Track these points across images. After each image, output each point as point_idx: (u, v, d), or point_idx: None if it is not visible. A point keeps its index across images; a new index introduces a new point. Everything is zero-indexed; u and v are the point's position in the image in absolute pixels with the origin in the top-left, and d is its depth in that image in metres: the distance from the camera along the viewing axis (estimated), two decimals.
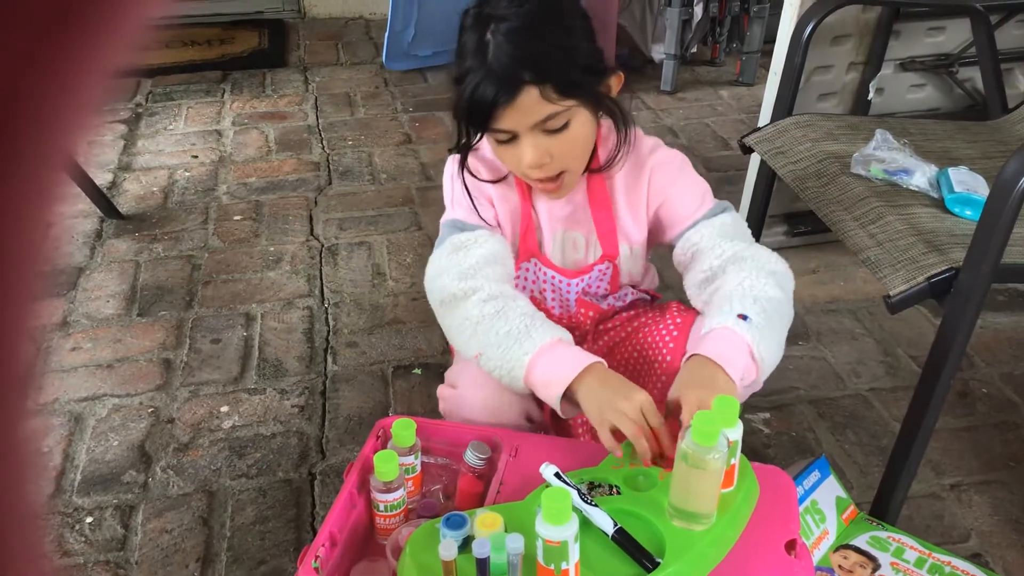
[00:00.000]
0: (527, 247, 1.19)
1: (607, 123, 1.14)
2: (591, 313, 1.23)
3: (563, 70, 1.01)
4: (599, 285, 1.22)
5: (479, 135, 1.08)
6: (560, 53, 1.01)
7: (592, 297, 1.23)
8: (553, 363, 1.01)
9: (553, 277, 1.21)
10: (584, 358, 1.01)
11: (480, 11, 1.03)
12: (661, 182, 1.17)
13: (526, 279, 1.22)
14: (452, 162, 1.19)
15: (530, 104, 1.00)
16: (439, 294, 1.11)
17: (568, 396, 1.01)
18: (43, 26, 0.18)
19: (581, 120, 1.05)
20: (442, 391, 1.21)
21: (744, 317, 1.01)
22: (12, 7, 0.17)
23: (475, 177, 1.16)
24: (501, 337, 1.03)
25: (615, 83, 1.10)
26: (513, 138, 1.04)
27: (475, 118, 1.04)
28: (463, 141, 1.12)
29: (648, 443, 0.95)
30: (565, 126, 1.04)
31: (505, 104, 1.00)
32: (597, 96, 1.07)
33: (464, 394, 1.15)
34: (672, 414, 0.98)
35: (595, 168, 1.15)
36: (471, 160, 1.17)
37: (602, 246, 1.19)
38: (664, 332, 1.17)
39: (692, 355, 1.01)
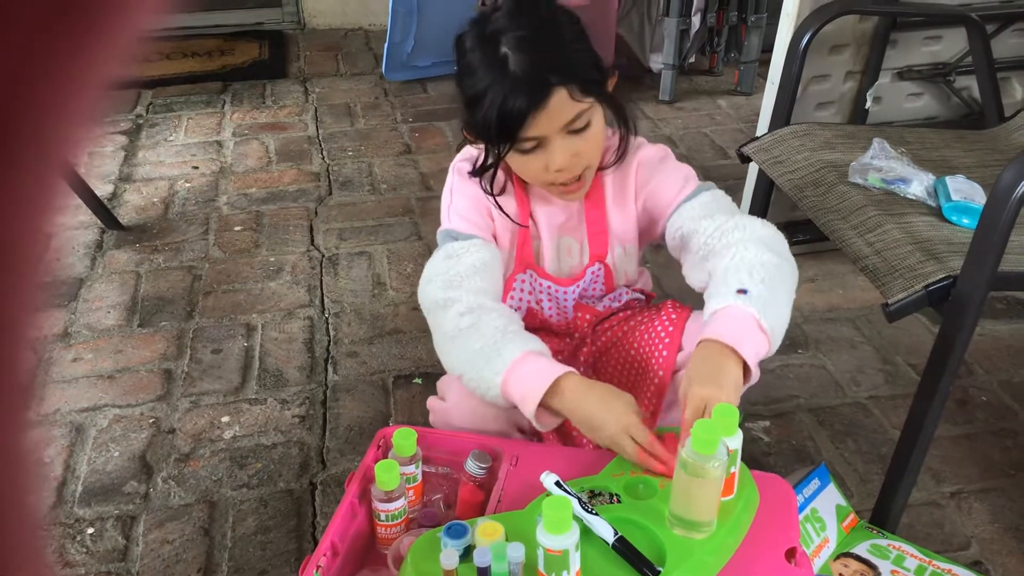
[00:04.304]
0: (523, 258, 1.20)
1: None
2: (588, 316, 1.24)
3: (582, 69, 1.04)
4: (594, 287, 1.23)
5: (507, 148, 1.07)
6: (573, 53, 1.05)
7: (588, 300, 1.24)
8: (524, 378, 1.01)
9: (549, 287, 1.22)
10: (552, 371, 1.01)
11: (482, 31, 1.04)
12: (645, 176, 1.18)
13: (523, 290, 1.22)
14: (453, 173, 1.20)
15: (560, 105, 1.02)
16: (426, 300, 1.14)
17: (546, 407, 1.01)
18: (41, 34, 0.18)
19: (598, 117, 1.08)
20: (431, 403, 1.22)
21: (744, 291, 1.00)
22: (10, 13, 0.17)
23: (489, 193, 1.16)
24: (474, 355, 1.04)
25: (611, 83, 1.12)
26: (538, 145, 1.05)
27: (505, 130, 1.04)
28: (488, 161, 1.11)
29: (648, 464, 0.97)
30: (588, 125, 1.06)
31: (537, 109, 1.01)
32: (608, 94, 1.10)
33: (451, 406, 1.17)
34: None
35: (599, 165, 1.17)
36: (469, 169, 1.18)
37: (591, 246, 1.20)
38: (660, 329, 1.17)
39: (702, 340, 1.00)
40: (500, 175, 1.17)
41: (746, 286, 1.01)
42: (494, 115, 1.02)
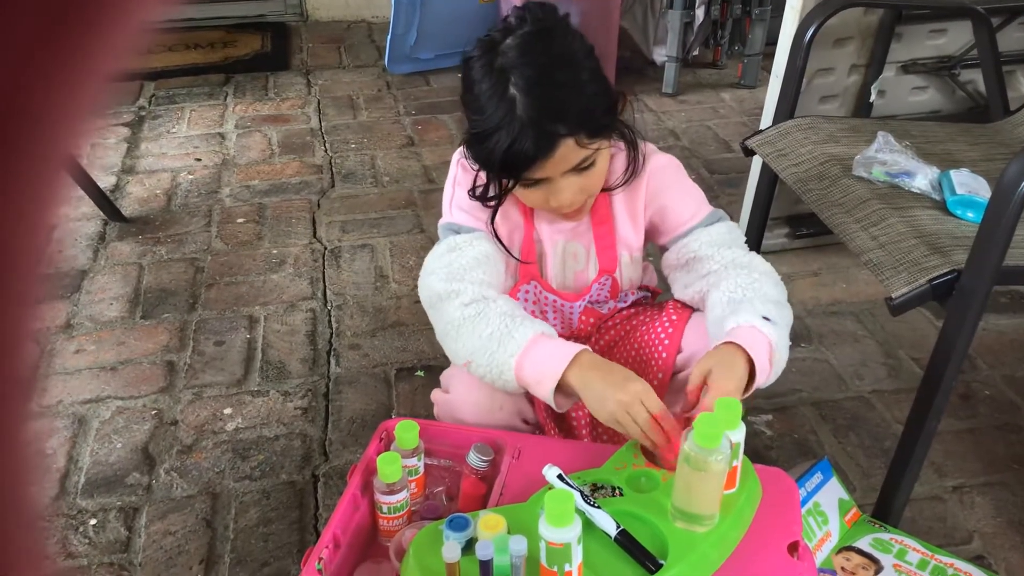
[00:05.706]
0: (527, 269, 1.19)
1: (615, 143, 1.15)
2: (591, 320, 1.24)
3: (592, 116, 1.02)
4: (599, 294, 1.23)
5: (512, 185, 1.07)
6: (584, 100, 1.02)
7: (594, 305, 1.24)
8: (539, 360, 1.02)
9: (555, 301, 1.21)
10: (568, 349, 1.02)
11: (491, 62, 1.02)
12: (657, 187, 1.17)
13: (526, 300, 1.22)
14: (456, 165, 1.20)
15: (566, 154, 1.01)
16: (427, 292, 1.13)
17: (562, 389, 1.01)
18: (44, 26, 0.18)
19: (604, 153, 1.08)
20: (435, 396, 1.22)
21: (768, 319, 1.02)
22: (12, 7, 0.17)
23: (488, 205, 1.16)
24: (484, 340, 1.04)
25: (622, 105, 1.10)
26: (541, 181, 1.05)
27: (509, 171, 1.04)
28: (490, 192, 1.11)
29: (655, 435, 0.96)
30: (593, 163, 1.06)
31: (544, 158, 1.00)
32: (617, 124, 1.09)
33: (456, 398, 1.16)
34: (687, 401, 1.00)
35: (604, 187, 1.16)
36: (471, 170, 1.17)
37: (600, 261, 1.19)
38: (660, 330, 1.17)
39: (722, 344, 1.01)
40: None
41: (771, 316, 1.03)
42: (498, 157, 1.01)
